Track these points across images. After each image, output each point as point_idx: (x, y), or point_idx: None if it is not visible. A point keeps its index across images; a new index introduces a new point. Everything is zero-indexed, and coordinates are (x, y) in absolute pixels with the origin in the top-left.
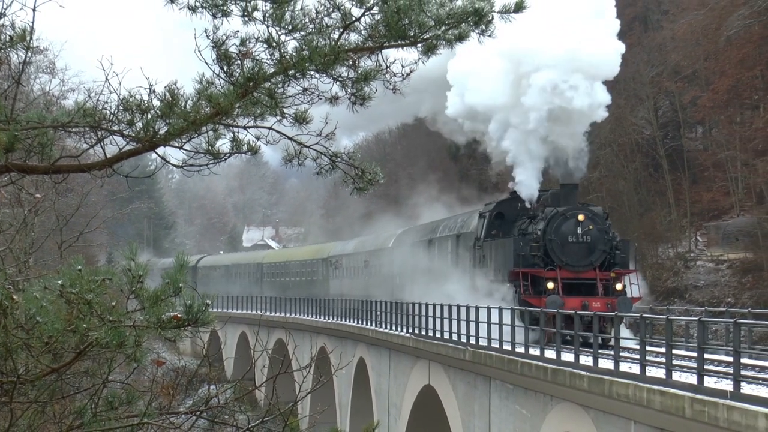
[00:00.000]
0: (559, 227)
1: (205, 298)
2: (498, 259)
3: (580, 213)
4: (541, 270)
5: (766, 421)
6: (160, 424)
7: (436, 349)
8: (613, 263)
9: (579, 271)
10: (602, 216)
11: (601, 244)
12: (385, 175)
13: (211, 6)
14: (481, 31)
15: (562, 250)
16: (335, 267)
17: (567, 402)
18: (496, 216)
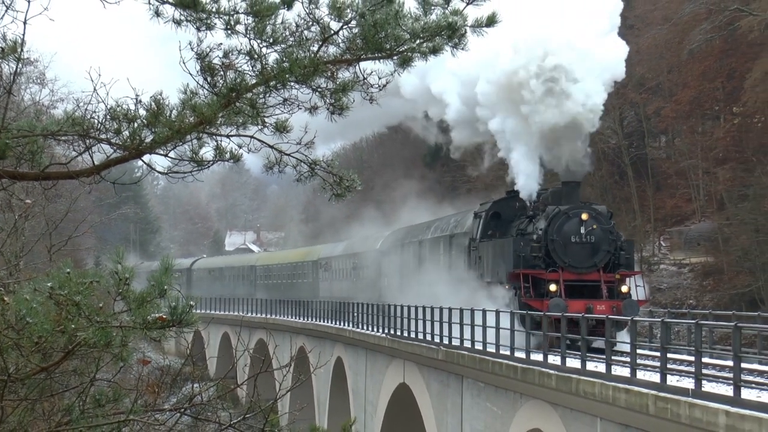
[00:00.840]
0: (562, 227)
1: (189, 300)
2: (496, 260)
3: (583, 212)
4: (542, 271)
5: (726, 417)
6: (146, 421)
7: (411, 348)
8: (617, 264)
9: (582, 273)
10: (606, 215)
11: (605, 244)
12: (363, 182)
13: (195, 19)
14: (455, 44)
15: (564, 250)
16: (324, 269)
17: (536, 400)
18: (492, 216)
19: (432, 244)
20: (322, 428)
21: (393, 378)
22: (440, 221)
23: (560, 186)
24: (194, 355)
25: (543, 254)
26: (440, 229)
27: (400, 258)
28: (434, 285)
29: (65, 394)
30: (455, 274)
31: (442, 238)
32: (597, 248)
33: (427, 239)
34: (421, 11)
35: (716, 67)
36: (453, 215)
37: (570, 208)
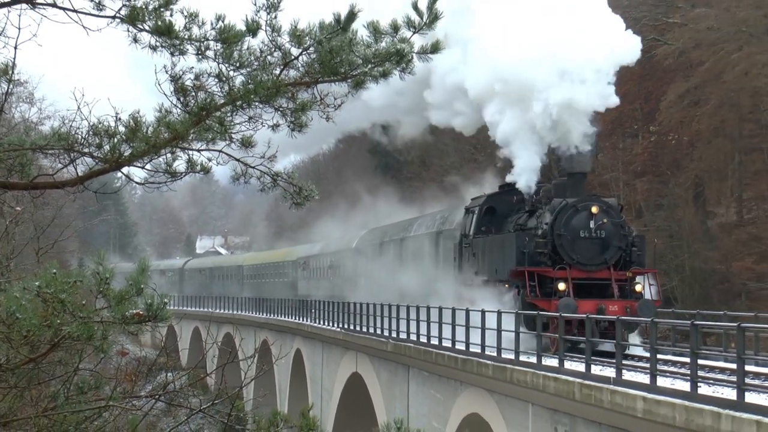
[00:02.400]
0: (570, 221)
1: (163, 298)
2: (494, 257)
3: (593, 205)
4: (549, 269)
5: (643, 403)
6: (124, 407)
7: (363, 341)
8: (629, 262)
9: (591, 271)
10: (617, 208)
11: (616, 240)
12: (320, 192)
13: (169, 45)
14: (402, 69)
15: (572, 246)
16: (303, 268)
17: (475, 387)
18: (486, 211)
19: (416, 242)
20: (283, 413)
21: (347, 368)
22: (423, 218)
23: (562, 179)
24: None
25: (549, 250)
26: (425, 226)
27: (379, 256)
28: (420, 282)
29: (51, 382)
30: (444, 272)
31: (428, 235)
32: (607, 244)
33: (409, 237)
34: (372, 39)
35: (635, 91)
36: (438, 212)
37: (578, 201)
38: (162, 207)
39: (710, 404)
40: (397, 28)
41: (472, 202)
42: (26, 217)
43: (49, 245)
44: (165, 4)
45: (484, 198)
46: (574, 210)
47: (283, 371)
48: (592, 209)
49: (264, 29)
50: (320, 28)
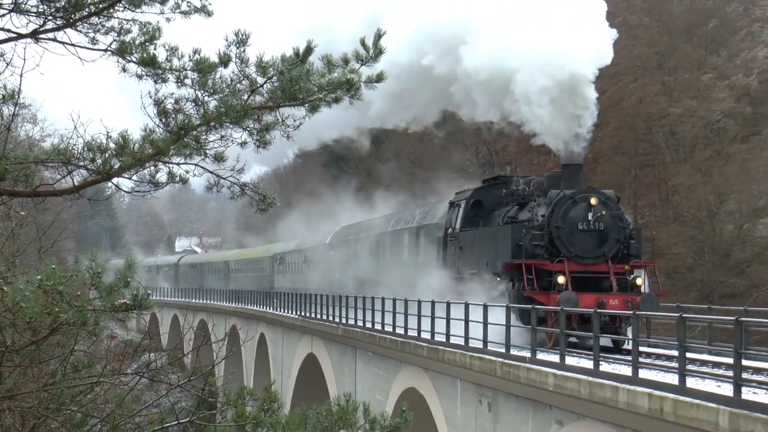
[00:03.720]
0: (567, 213)
1: (147, 290)
2: (485, 250)
3: (592, 196)
4: (546, 262)
5: (553, 378)
6: (113, 382)
7: (317, 326)
8: (627, 255)
9: (589, 264)
10: (615, 200)
11: (614, 232)
12: (281, 199)
13: (153, 74)
14: (351, 95)
15: (570, 239)
16: (279, 263)
17: (412, 365)
18: (473, 204)
19: (393, 237)
20: (249, 388)
21: (303, 349)
22: (401, 214)
23: (556, 170)
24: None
25: (546, 243)
26: (403, 222)
27: (354, 251)
28: (400, 276)
29: (50, 362)
30: (427, 265)
31: (407, 230)
32: (605, 237)
33: (387, 232)
34: (326, 70)
35: None
36: (417, 208)
37: (576, 193)
38: (146, 211)
39: (610, 380)
40: (347, 60)
41: (457, 196)
42: (29, 220)
43: (49, 244)
44: (149, 39)
45: (471, 191)
46: (572, 202)
47: (249, 352)
48: (591, 201)
49: (234, 61)
50: (282, 60)
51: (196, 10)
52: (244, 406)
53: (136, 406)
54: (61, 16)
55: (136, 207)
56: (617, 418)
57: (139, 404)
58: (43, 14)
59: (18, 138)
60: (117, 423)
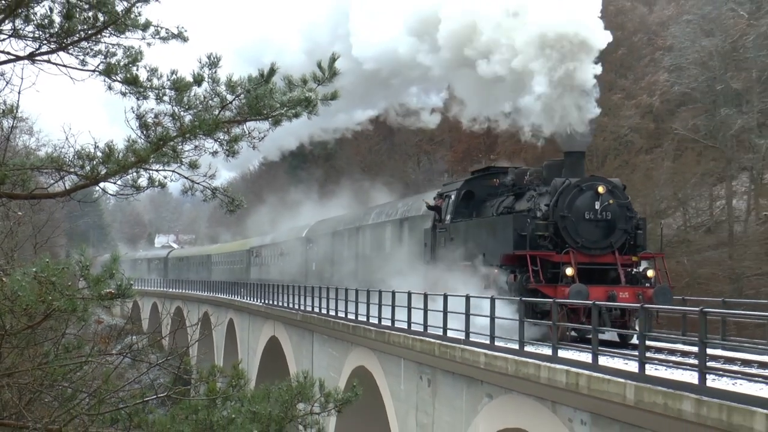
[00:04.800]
0: (573, 202)
1: (130, 280)
2: (481, 241)
3: (599, 184)
4: (552, 253)
5: (485, 358)
6: (99, 362)
7: (279, 312)
8: (633, 245)
9: (595, 255)
10: (621, 189)
11: (621, 222)
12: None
13: (135, 92)
14: (309, 111)
15: (576, 229)
16: (255, 256)
17: (362, 346)
18: (464, 195)
19: (375, 230)
20: (219, 366)
21: (267, 332)
22: (381, 207)
23: (556, 159)
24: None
25: (551, 233)
26: (385, 214)
27: (332, 244)
28: (381, 267)
29: (44, 343)
30: (412, 257)
31: (390, 223)
32: (613, 227)
33: (367, 225)
34: (287, 89)
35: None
36: (399, 200)
37: (582, 181)
38: (129, 212)
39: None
40: (305, 81)
41: (445, 187)
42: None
43: (44, 241)
44: (132, 61)
45: (462, 182)
46: (578, 190)
47: (219, 335)
48: (599, 189)
49: (206, 81)
50: (248, 80)
51: (174, 36)
52: (215, 383)
53: (119, 382)
54: (54, 41)
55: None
56: (540, 391)
57: (122, 381)
58: (38, 39)
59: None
60: (103, 397)
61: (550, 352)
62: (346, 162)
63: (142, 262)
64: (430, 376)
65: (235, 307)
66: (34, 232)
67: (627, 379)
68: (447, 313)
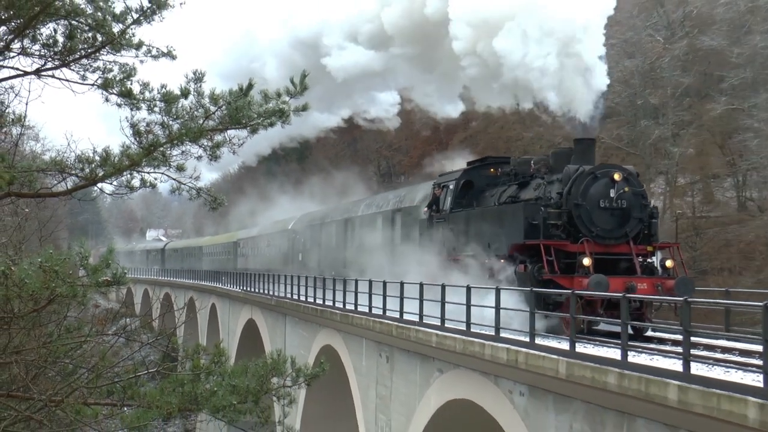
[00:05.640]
0: (588, 189)
1: (124, 269)
2: (486, 231)
3: (615, 171)
4: (566, 243)
5: (435, 338)
6: (97, 341)
7: (256, 298)
8: (648, 235)
9: (610, 245)
10: (635, 176)
11: (636, 210)
12: (229, 197)
13: (129, 103)
14: (283, 121)
15: (590, 217)
16: (241, 247)
17: (328, 328)
18: (464, 185)
19: (365, 221)
20: (202, 345)
21: (245, 316)
22: (372, 199)
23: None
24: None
25: (564, 222)
26: (375, 206)
27: (319, 235)
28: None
29: (48, 325)
30: (406, 248)
31: (381, 214)
32: (628, 215)
33: (357, 216)
34: (263, 101)
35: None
36: (391, 192)
37: (597, 168)
38: (123, 209)
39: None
40: (279, 94)
41: (442, 178)
42: (32, 216)
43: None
44: (126, 76)
45: (461, 172)
46: (592, 177)
47: (203, 318)
48: (614, 176)
49: (192, 94)
50: (229, 94)
51: (163, 54)
52: (199, 359)
53: (115, 359)
54: (58, 58)
55: (116, 205)
56: (484, 367)
57: (117, 358)
58: (44, 56)
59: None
60: (100, 372)
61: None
62: (315, 164)
63: (142, 253)
64: (388, 353)
65: (217, 293)
66: (39, 226)
67: (559, 356)
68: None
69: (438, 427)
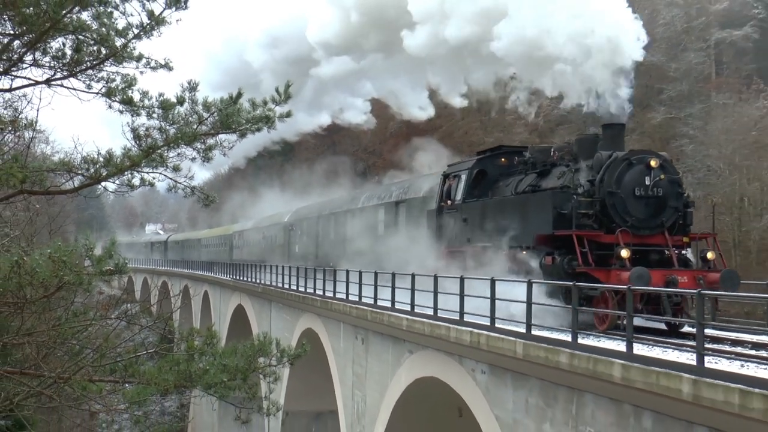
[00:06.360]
0: (622, 177)
1: (125, 259)
2: (505, 221)
3: (651, 158)
4: (599, 233)
5: (407, 321)
6: (101, 324)
7: (244, 285)
8: (683, 225)
9: (644, 235)
10: (670, 162)
11: (672, 199)
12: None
13: (130, 110)
14: (269, 126)
15: (625, 206)
16: (237, 239)
17: (310, 312)
18: (477, 174)
19: (366, 213)
20: (196, 328)
21: (234, 302)
22: (371, 191)
23: (586, 134)
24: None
25: (597, 211)
26: (376, 198)
27: (316, 228)
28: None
29: (57, 310)
30: (411, 239)
31: (383, 206)
32: (663, 204)
33: (357, 208)
34: (251, 108)
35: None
36: (392, 183)
37: (632, 154)
38: (125, 205)
39: (445, 323)
40: (266, 102)
41: (453, 167)
42: (43, 211)
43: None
44: (128, 86)
45: (474, 161)
46: (627, 164)
47: (196, 304)
48: (651, 162)
49: (187, 101)
50: (221, 101)
51: (161, 66)
52: (193, 341)
53: (117, 341)
54: (66, 69)
55: (118, 202)
56: (449, 348)
57: (119, 340)
58: (53, 68)
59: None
60: (104, 352)
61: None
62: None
63: (147, 245)
64: (364, 336)
65: (210, 282)
66: (49, 221)
67: (517, 338)
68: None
69: (408, 402)
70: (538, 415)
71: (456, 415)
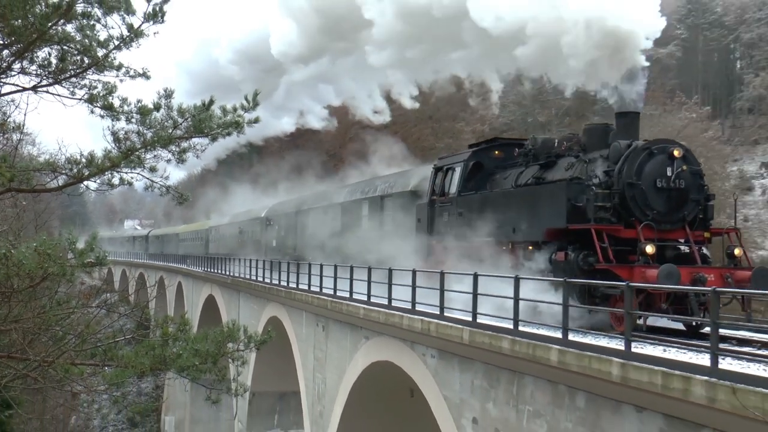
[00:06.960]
0: (643, 167)
1: (105, 252)
2: (510, 215)
3: (674, 147)
4: (619, 227)
5: (363, 310)
6: (82, 312)
7: (215, 277)
8: (704, 219)
9: (665, 230)
10: (692, 153)
11: (694, 192)
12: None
13: (110, 115)
14: (238, 131)
15: (646, 199)
16: (214, 233)
17: (274, 302)
18: (473, 167)
19: (350, 207)
20: (170, 316)
21: (206, 292)
22: (355, 185)
23: (595, 124)
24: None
25: (616, 203)
26: (360, 192)
27: (295, 222)
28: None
29: (42, 298)
30: (398, 235)
31: (367, 200)
32: (685, 197)
33: (340, 203)
34: (222, 114)
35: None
36: (377, 178)
37: (653, 143)
38: (105, 203)
39: (398, 311)
40: (236, 109)
41: (445, 160)
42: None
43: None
44: (109, 93)
45: (469, 153)
46: (647, 154)
47: (171, 293)
48: (674, 152)
49: (163, 108)
50: (194, 108)
51: (139, 75)
52: (167, 328)
53: (97, 327)
54: (52, 77)
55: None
56: (402, 334)
57: (99, 326)
58: (40, 75)
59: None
60: (85, 338)
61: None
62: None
63: (129, 239)
64: (324, 323)
65: (183, 273)
66: (35, 217)
67: (464, 326)
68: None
69: (364, 383)
70: (482, 396)
71: (408, 395)
